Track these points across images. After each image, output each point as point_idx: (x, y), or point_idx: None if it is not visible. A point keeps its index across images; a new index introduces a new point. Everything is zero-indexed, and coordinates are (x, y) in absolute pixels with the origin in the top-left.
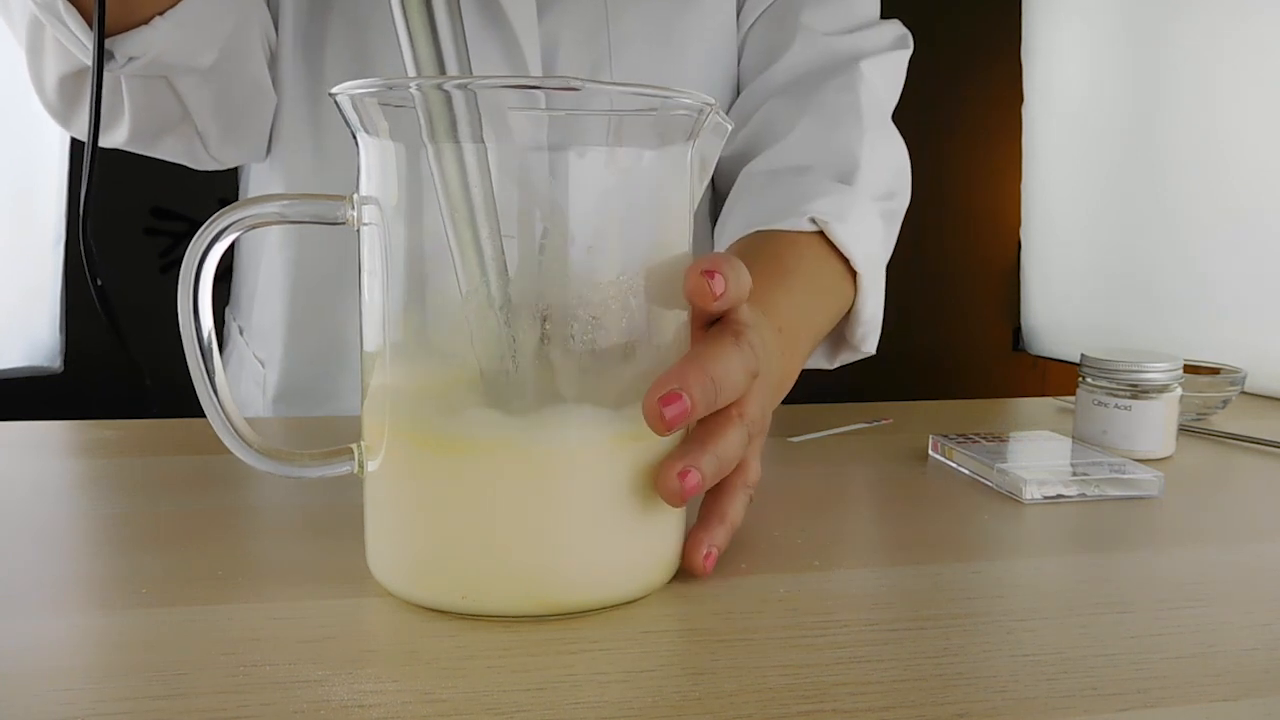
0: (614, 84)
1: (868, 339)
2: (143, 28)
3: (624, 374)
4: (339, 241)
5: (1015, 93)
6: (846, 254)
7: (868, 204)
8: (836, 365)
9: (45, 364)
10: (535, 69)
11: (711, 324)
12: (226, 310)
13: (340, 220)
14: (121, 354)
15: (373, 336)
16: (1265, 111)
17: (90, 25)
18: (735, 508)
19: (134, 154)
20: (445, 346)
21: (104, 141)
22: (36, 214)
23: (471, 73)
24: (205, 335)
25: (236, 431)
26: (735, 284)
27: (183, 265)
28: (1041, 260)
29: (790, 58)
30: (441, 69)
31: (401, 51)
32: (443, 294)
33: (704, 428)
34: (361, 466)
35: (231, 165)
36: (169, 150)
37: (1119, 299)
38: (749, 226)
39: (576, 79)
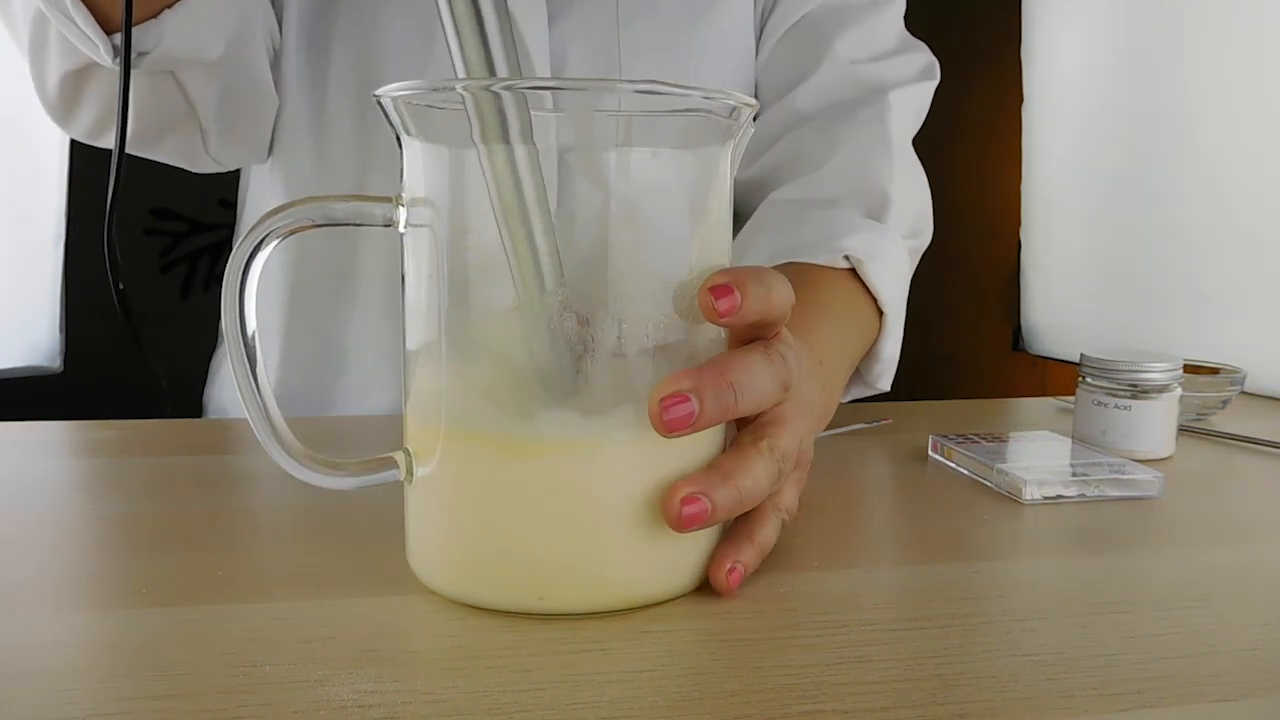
0: (675, 85)
1: (883, 377)
2: (151, 22)
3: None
4: (337, 246)
5: (1015, 93)
6: (876, 294)
7: (898, 242)
8: (849, 400)
9: (45, 364)
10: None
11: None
12: None
13: (388, 222)
14: (131, 356)
15: (426, 338)
16: (1266, 111)
17: (97, 20)
18: (765, 530)
19: (135, 154)
20: (506, 347)
21: (102, 141)
22: (36, 214)
23: (520, 73)
24: (250, 340)
25: (280, 439)
26: (757, 299)
27: (227, 271)
28: (1041, 260)
29: (816, 83)
30: (491, 70)
31: (450, 53)
32: (505, 294)
33: (729, 456)
34: (410, 473)
35: (231, 167)
36: (169, 150)
37: (1119, 299)
38: (781, 256)
39: (657, 81)
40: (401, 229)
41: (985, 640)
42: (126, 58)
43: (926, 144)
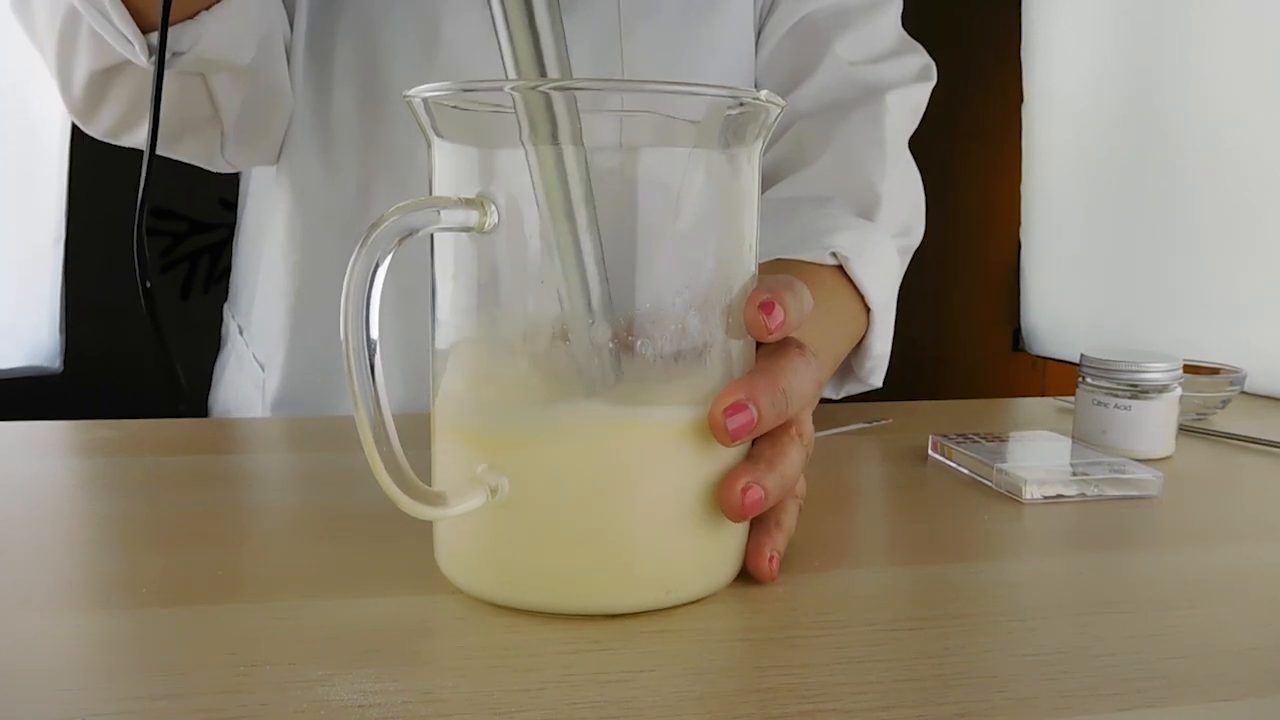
0: (712, 86)
1: (875, 373)
2: (188, 23)
3: (712, 372)
4: (343, 247)
5: (1015, 93)
6: (862, 291)
7: (886, 240)
8: (842, 395)
9: (45, 364)
10: None
11: None
12: (225, 307)
13: (479, 226)
14: (131, 356)
15: (459, 340)
16: (1265, 110)
17: (134, 19)
18: (790, 516)
19: (134, 154)
20: (547, 346)
21: (124, 141)
22: (36, 214)
23: (571, 72)
24: (374, 355)
25: (402, 475)
26: (795, 311)
27: (347, 305)
28: (1041, 260)
29: (815, 83)
30: (541, 68)
31: (501, 50)
32: (541, 294)
33: (768, 445)
34: (495, 491)
35: (243, 169)
36: (187, 151)
37: (1119, 299)
38: (769, 254)
39: (693, 82)
40: (488, 231)
41: (985, 640)
42: (161, 57)
43: (927, 144)
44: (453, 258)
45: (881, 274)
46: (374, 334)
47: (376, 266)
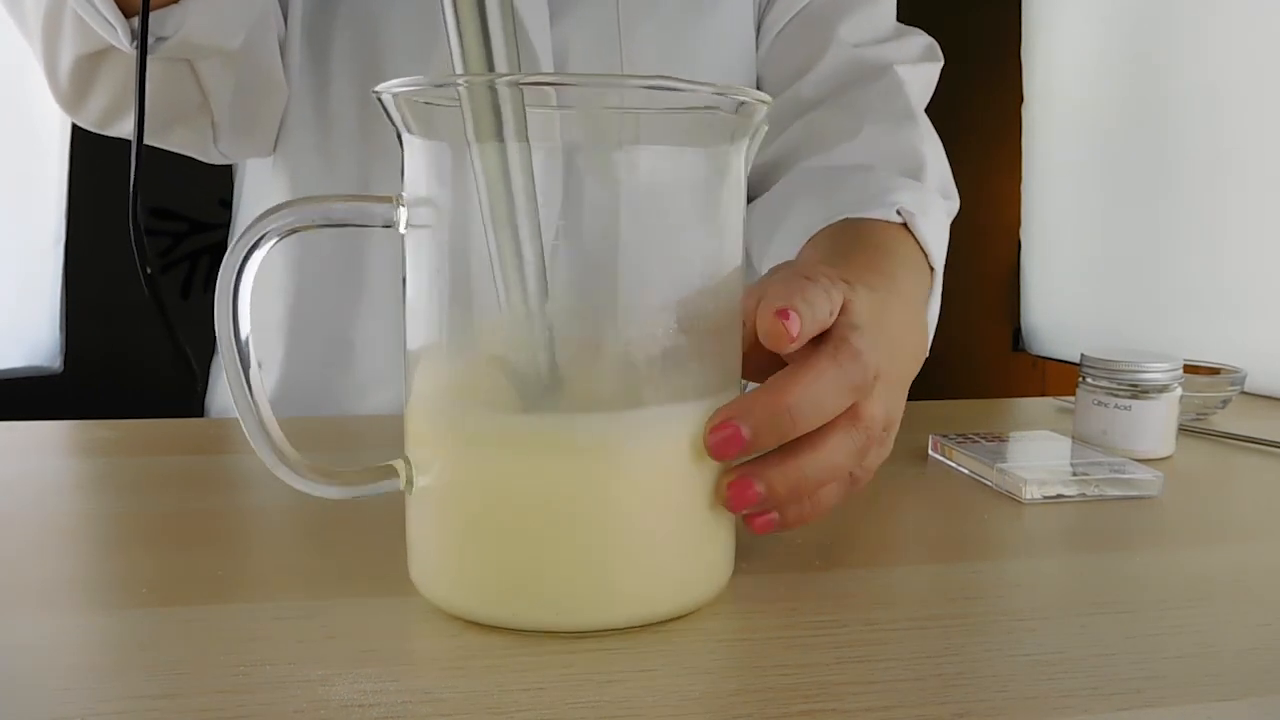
0: (685, 81)
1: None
2: (172, 7)
3: (687, 376)
4: (343, 240)
5: (1015, 93)
6: (926, 249)
7: (939, 201)
8: None
9: (45, 364)
10: None
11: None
12: None
13: (388, 223)
14: (130, 356)
15: (427, 340)
16: (1266, 110)
17: (117, 3)
18: (823, 493)
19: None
20: (504, 350)
21: (114, 130)
22: (36, 213)
23: (520, 69)
24: (244, 345)
25: (275, 447)
26: (809, 319)
27: (221, 271)
28: (1041, 260)
29: (822, 69)
30: (490, 65)
31: (450, 47)
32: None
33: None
34: (410, 483)
35: (237, 160)
36: (178, 141)
37: (1119, 299)
38: (834, 215)
39: (667, 77)
40: (402, 229)
41: (985, 640)
42: (143, 41)
43: None
44: (411, 258)
45: (938, 234)
46: (245, 327)
47: (244, 262)
